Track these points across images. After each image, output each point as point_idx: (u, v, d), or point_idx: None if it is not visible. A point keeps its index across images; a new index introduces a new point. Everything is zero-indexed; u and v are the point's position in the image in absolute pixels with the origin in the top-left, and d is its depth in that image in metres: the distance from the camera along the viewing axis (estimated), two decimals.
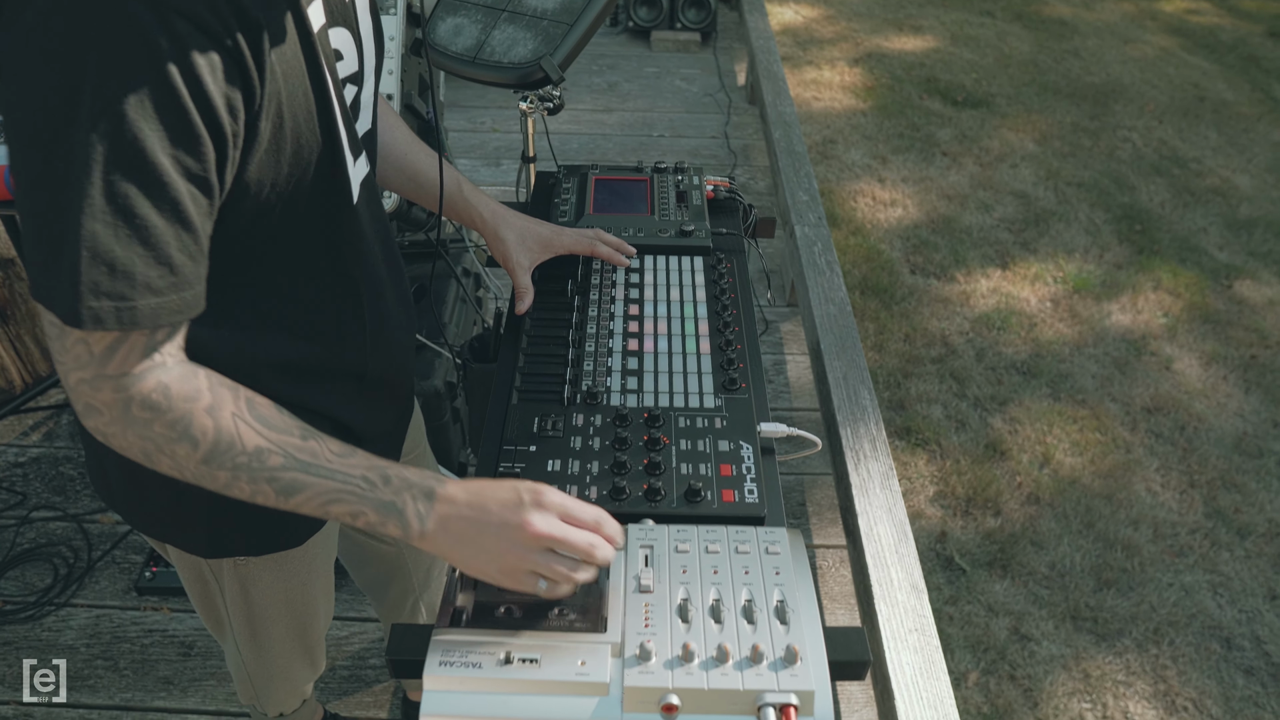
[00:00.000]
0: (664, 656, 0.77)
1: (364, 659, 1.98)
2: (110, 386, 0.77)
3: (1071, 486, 3.00)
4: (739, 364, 1.10)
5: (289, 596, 1.21)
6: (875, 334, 3.51)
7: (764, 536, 0.88)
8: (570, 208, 1.37)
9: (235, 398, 0.83)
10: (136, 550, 2.17)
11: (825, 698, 0.76)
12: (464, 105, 4.34)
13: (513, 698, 0.76)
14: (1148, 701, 2.46)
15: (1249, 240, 4.20)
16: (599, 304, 1.20)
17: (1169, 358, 3.53)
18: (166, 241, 0.73)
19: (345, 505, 0.83)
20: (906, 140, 4.73)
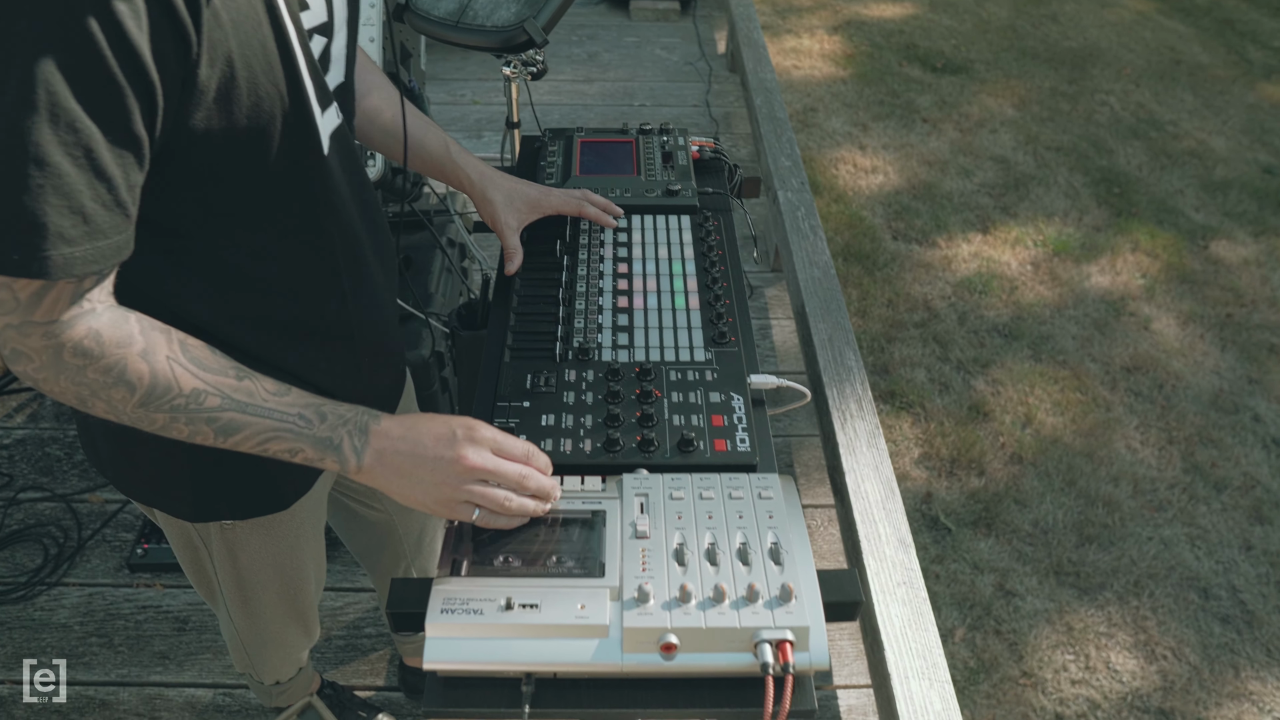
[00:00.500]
0: (662, 598, 0.79)
1: (359, 628, 1.99)
2: (39, 333, 0.76)
3: (1053, 445, 3.04)
4: (728, 318, 1.11)
5: (278, 561, 1.21)
6: (859, 299, 3.53)
7: (756, 482, 0.90)
8: (557, 170, 1.37)
9: (169, 341, 0.83)
10: (127, 528, 2.17)
11: (820, 633, 0.78)
12: (444, 78, 4.31)
13: (515, 642, 0.77)
14: (1128, 652, 2.51)
15: (1224, 201, 4.25)
16: (588, 263, 1.21)
17: (1147, 318, 3.57)
18: (79, 190, 0.72)
19: (283, 443, 0.85)
20: (887, 107, 4.74)
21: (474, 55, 4.52)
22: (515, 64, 1.69)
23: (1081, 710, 2.38)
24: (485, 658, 0.77)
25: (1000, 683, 2.44)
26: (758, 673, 0.77)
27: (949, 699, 1.57)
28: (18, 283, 0.73)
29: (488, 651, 0.77)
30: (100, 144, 0.72)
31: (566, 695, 0.80)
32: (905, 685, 1.58)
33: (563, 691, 0.80)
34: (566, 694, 0.80)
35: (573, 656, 0.77)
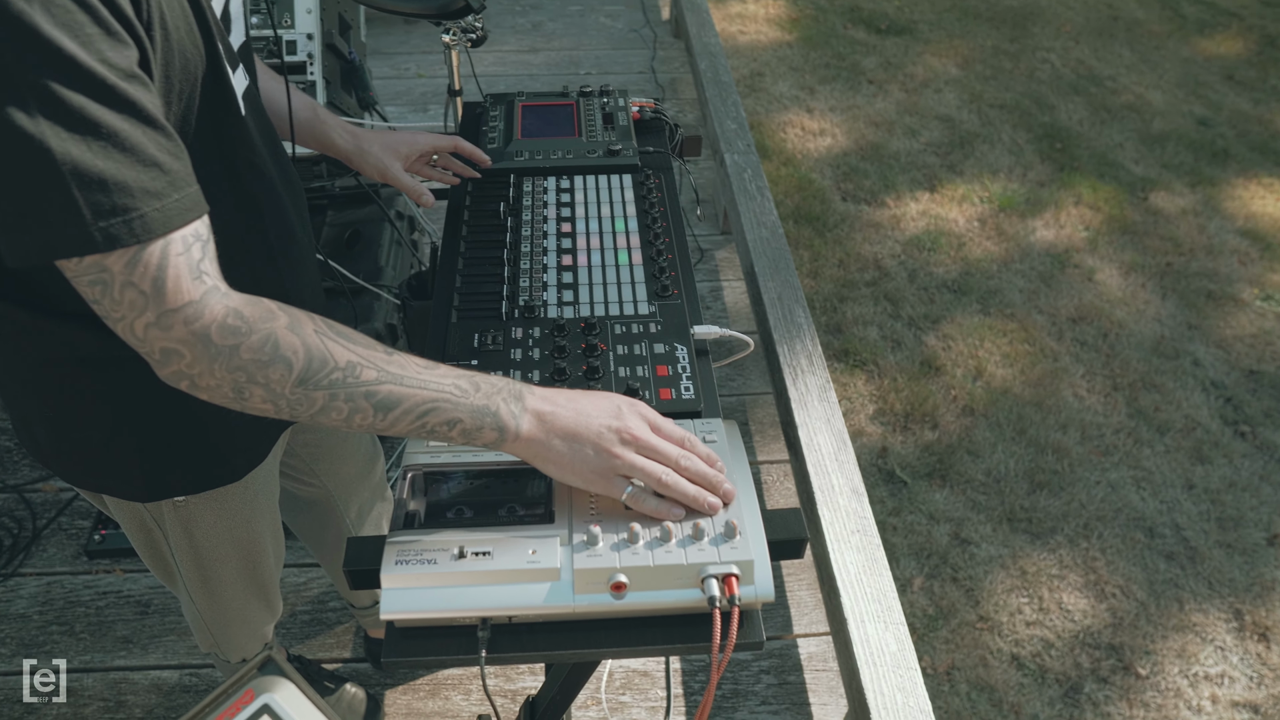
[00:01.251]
0: (610, 540, 0.81)
1: (324, 602, 2.00)
2: (180, 320, 0.74)
3: (1003, 396, 3.12)
4: (670, 272, 1.13)
5: (234, 535, 1.21)
6: (810, 261, 3.57)
7: (701, 427, 0.93)
8: (499, 134, 1.38)
9: (309, 315, 0.81)
10: (83, 515, 2.15)
11: (764, 566, 0.81)
12: (387, 52, 4.26)
13: (468, 589, 0.79)
14: (1080, 592, 2.60)
15: (1162, 153, 4.34)
16: (532, 224, 1.22)
17: (1091, 269, 3.65)
18: (140, 143, 0.71)
19: (440, 415, 0.81)
20: (833, 70, 4.76)
21: (416, 28, 4.46)
22: (454, 31, 1.69)
23: (1036, 650, 2.47)
24: (441, 606, 0.79)
25: (958, 628, 2.51)
26: (706, 608, 0.80)
27: (904, 641, 1.63)
28: (135, 272, 0.71)
29: (443, 600, 0.79)
30: (132, 94, 0.71)
31: (523, 639, 0.82)
32: (861, 629, 1.63)
33: (518, 636, 0.82)
34: (523, 638, 0.82)
35: (526, 600, 0.79)
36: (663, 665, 1.85)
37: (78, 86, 0.67)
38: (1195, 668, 2.45)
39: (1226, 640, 2.52)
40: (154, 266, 0.72)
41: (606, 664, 1.86)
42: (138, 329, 0.74)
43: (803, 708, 1.84)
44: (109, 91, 0.69)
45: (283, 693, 0.67)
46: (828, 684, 1.89)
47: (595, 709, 1.80)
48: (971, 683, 2.40)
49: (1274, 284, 3.66)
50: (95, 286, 0.72)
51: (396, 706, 1.81)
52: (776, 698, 1.85)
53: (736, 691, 1.86)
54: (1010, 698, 2.37)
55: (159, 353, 0.76)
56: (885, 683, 1.56)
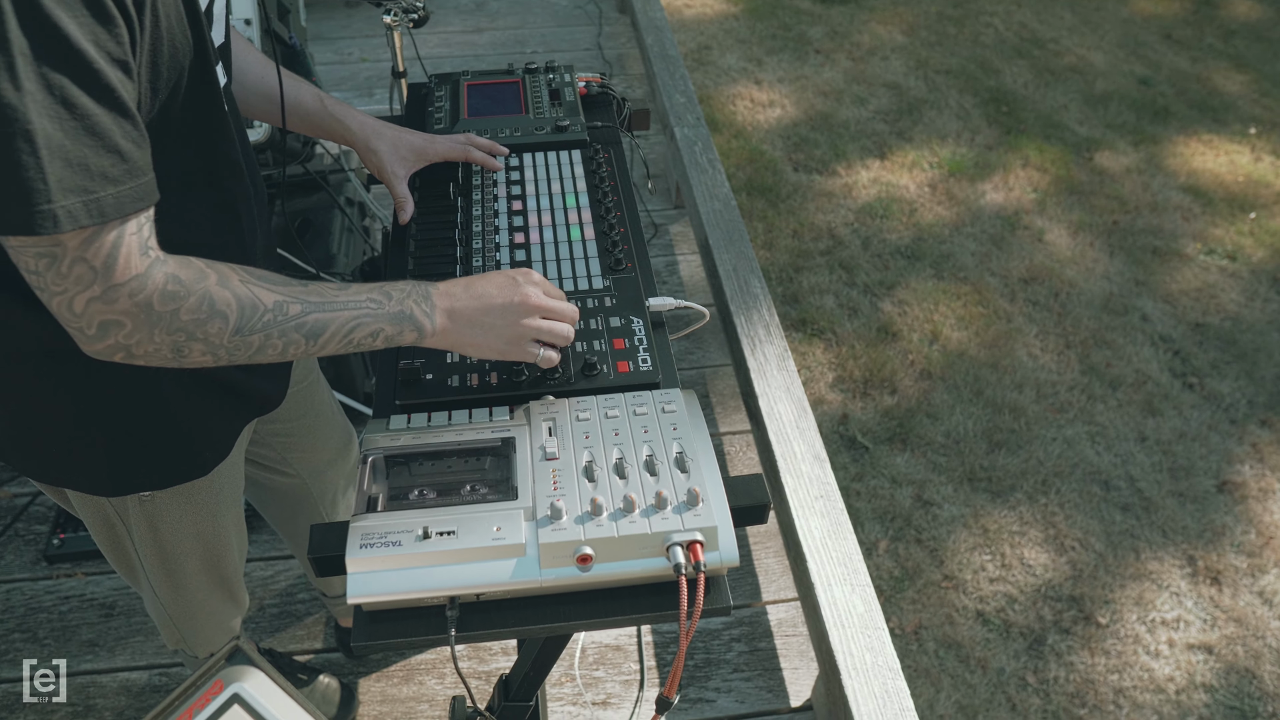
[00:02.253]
0: (574, 513, 0.82)
1: (292, 594, 1.99)
2: (125, 293, 0.76)
3: (960, 359, 3.16)
4: (623, 246, 1.13)
5: (199, 529, 1.20)
6: (764, 232, 3.58)
7: (659, 398, 0.93)
8: (445, 115, 1.36)
9: (231, 266, 0.84)
10: (40, 520, 2.10)
11: (728, 533, 0.82)
12: (329, 37, 4.18)
13: (435, 569, 0.79)
14: (1040, 547, 2.66)
15: (1105, 113, 4.41)
16: (482, 203, 1.21)
17: (1040, 230, 3.71)
18: (110, 130, 0.72)
19: (364, 329, 0.88)
20: (779, 41, 4.77)
21: (357, 10, 4.39)
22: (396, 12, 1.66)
23: (1000, 605, 2.52)
24: (407, 587, 0.79)
25: (924, 588, 2.56)
26: (672, 576, 0.81)
27: (871, 602, 1.66)
28: (90, 249, 0.73)
29: (409, 581, 0.79)
30: (114, 80, 0.72)
31: (492, 617, 0.82)
32: (829, 592, 1.65)
33: (488, 614, 0.82)
34: (492, 615, 0.82)
35: (493, 577, 0.79)
36: (634, 639, 1.87)
37: (65, 66, 0.69)
38: (1152, 614, 2.52)
39: (1181, 586, 2.59)
40: (109, 244, 0.74)
41: (579, 640, 1.87)
42: (77, 304, 0.75)
43: (774, 673, 1.86)
44: (93, 75, 0.71)
45: (253, 681, 0.66)
46: (798, 648, 1.91)
47: (569, 685, 1.82)
48: (939, 641, 2.45)
49: (1216, 238, 3.75)
50: (42, 259, 0.73)
51: (371, 694, 1.81)
52: (748, 665, 1.87)
53: (709, 660, 1.88)
54: (977, 653, 2.42)
55: (97, 326, 0.77)
56: (854, 644, 1.59)
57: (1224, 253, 3.69)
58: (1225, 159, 4.18)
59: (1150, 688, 2.38)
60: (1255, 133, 4.37)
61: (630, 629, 1.89)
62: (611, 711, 1.77)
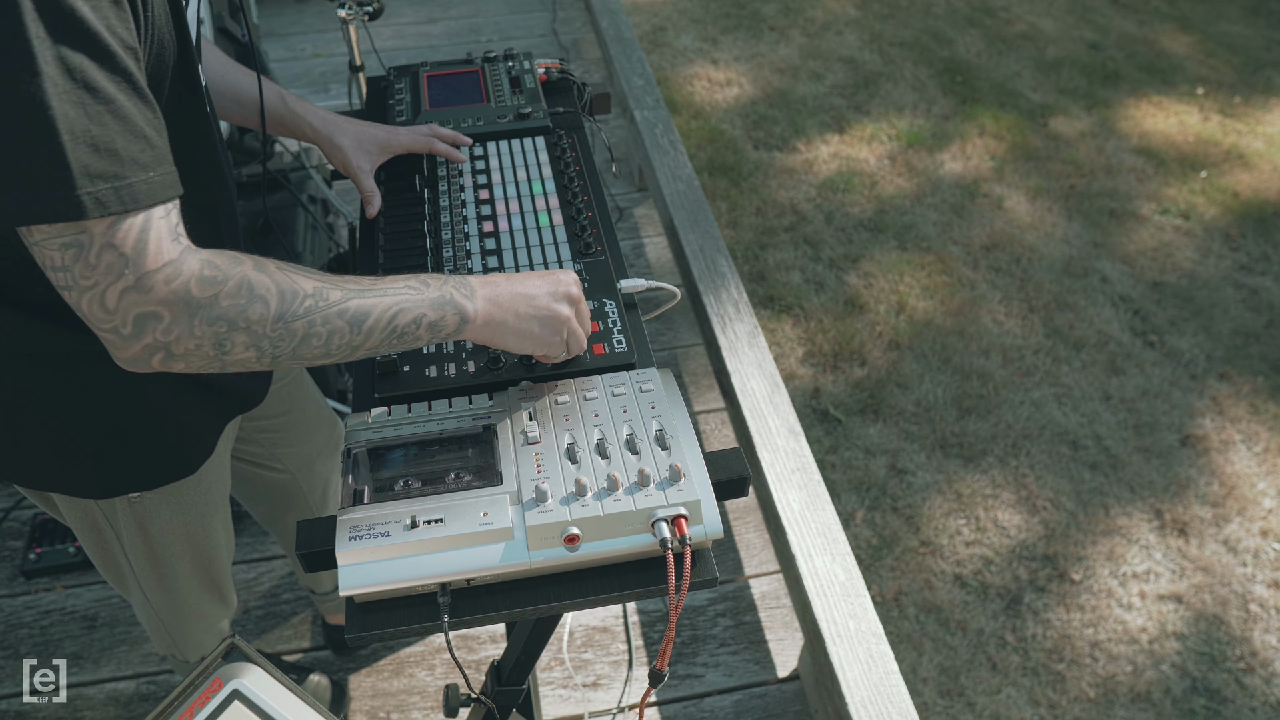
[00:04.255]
0: (559, 495, 0.83)
1: (277, 595, 1.98)
2: (160, 280, 0.72)
3: (926, 328, 3.21)
4: (592, 230, 1.14)
5: (189, 530, 1.20)
6: (728, 211, 3.60)
7: (636, 378, 0.94)
8: (406, 107, 1.36)
9: (261, 257, 0.81)
10: (14, 536, 2.08)
11: (711, 506, 0.84)
12: (282, 34, 4.13)
13: (424, 557, 0.80)
14: (1013, 509, 2.71)
15: (1058, 79, 4.47)
16: (449, 194, 1.21)
17: (999, 197, 3.76)
18: (132, 114, 0.70)
19: (407, 314, 0.84)
20: (733, 20, 4.77)
21: (308, 6, 4.33)
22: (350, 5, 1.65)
23: (977, 568, 2.57)
24: (398, 577, 0.80)
25: (902, 555, 2.60)
26: (658, 551, 0.82)
27: (851, 570, 1.69)
28: (117, 233, 0.69)
29: (400, 570, 0.80)
30: (130, 65, 0.70)
31: (483, 601, 0.83)
32: (810, 563, 1.68)
33: (479, 599, 0.84)
34: (483, 600, 0.84)
35: (482, 562, 0.80)
36: (621, 620, 1.89)
37: (84, 49, 0.66)
38: (1124, 568, 2.59)
39: (1150, 539, 2.66)
40: (137, 229, 0.71)
41: (566, 624, 1.89)
42: (110, 297, 0.71)
43: (760, 645, 1.89)
44: (111, 59, 0.68)
45: (251, 677, 0.67)
46: (782, 620, 1.94)
47: (559, 669, 1.83)
48: (919, 605, 2.50)
49: (1170, 198, 3.82)
50: (68, 250, 0.70)
51: (362, 689, 1.82)
52: (734, 638, 1.90)
53: (695, 637, 1.91)
54: (956, 615, 2.47)
55: (133, 322, 0.73)
56: (837, 611, 1.62)
57: (1178, 212, 3.77)
58: (1175, 120, 4.25)
59: (1124, 639, 2.44)
60: (1203, 93, 4.45)
61: (616, 610, 1.91)
62: (602, 692, 1.79)
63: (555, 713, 1.77)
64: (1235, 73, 4.64)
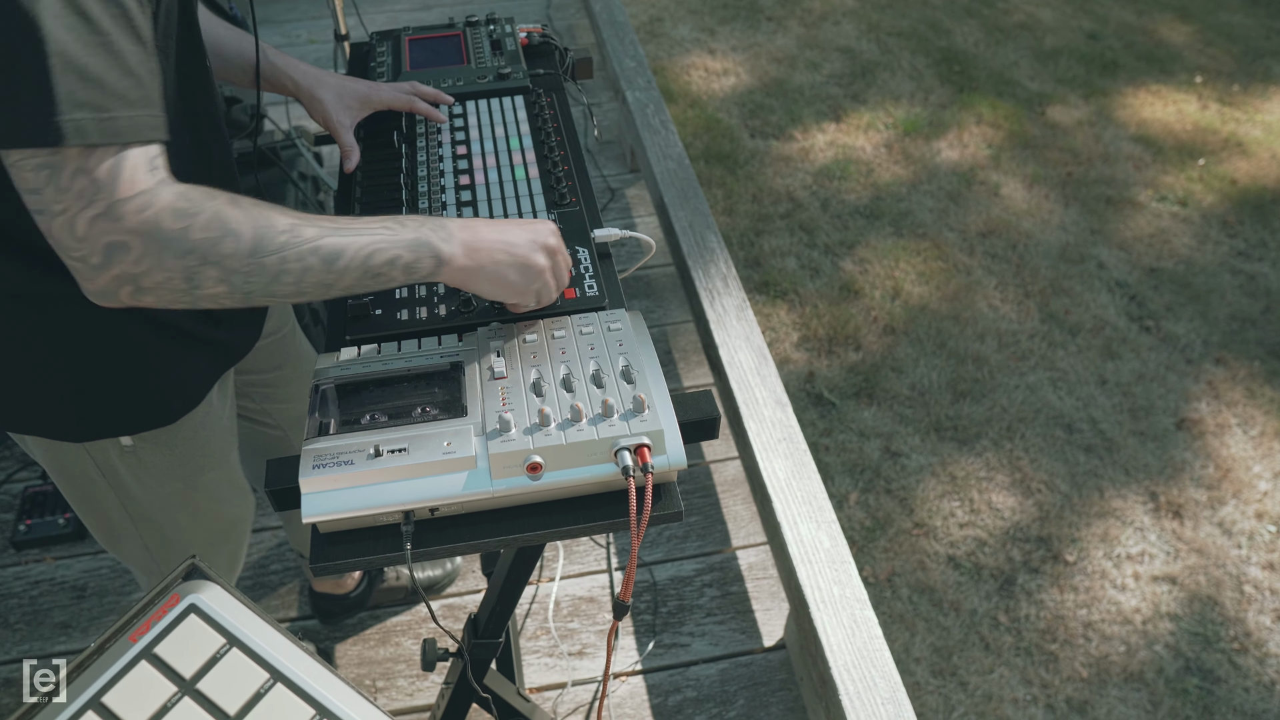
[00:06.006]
0: (523, 425, 0.83)
1: (265, 566, 1.99)
2: (131, 209, 0.72)
3: (922, 313, 3.21)
4: (567, 182, 1.15)
5: (186, 482, 1.18)
6: (724, 199, 3.60)
7: (605, 318, 0.95)
8: (387, 69, 1.37)
9: (238, 195, 0.80)
10: (4, 509, 2.09)
11: (674, 436, 0.84)
12: (275, 20, 4.15)
13: (387, 485, 0.80)
14: (1007, 491, 2.71)
15: (1055, 69, 4.47)
16: (427, 149, 1.22)
17: (996, 184, 3.76)
18: (126, 52, 0.70)
19: (383, 254, 0.83)
20: (731, 10, 4.78)
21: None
22: None
23: (970, 550, 2.57)
24: (361, 504, 0.80)
25: (895, 536, 2.60)
26: (622, 482, 0.82)
27: (837, 538, 1.69)
28: (90, 159, 0.69)
29: (363, 498, 0.80)
30: (132, 8, 0.71)
31: (447, 533, 0.84)
32: (795, 530, 1.68)
33: (443, 530, 0.84)
34: (447, 531, 0.84)
35: (445, 490, 0.81)
36: (608, 591, 1.89)
37: None
38: (1118, 549, 2.58)
39: (1144, 521, 2.65)
40: (112, 157, 0.71)
41: (553, 594, 1.89)
42: (80, 224, 0.71)
43: (746, 615, 1.89)
44: None
45: (209, 593, 0.67)
46: (769, 590, 1.95)
47: (545, 638, 1.84)
48: (912, 586, 2.50)
49: (1167, 185, 3.82)
50: (42, 172, 0.70)
51: (348, 658, 1.82)
52: (721, 609, 1.90)
53: (682, 607, 1.91)
54: (950, 596, 2.47)
55: (102, 251, 0.72)
56: (821, 578, 1.62)
57: (1175, 199, 3.76)
58: (1173, 108, 4.24)
59: (1118, 620, 2.44)
60: (1201, 81, 4.44)
61: (603, 580, 1.91)
62: (588, 660, 1.80)
63: (540, 680, 1.77)
64: (1234, 61, 4.63)
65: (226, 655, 0.64)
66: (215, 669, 0.63)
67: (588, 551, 1.97)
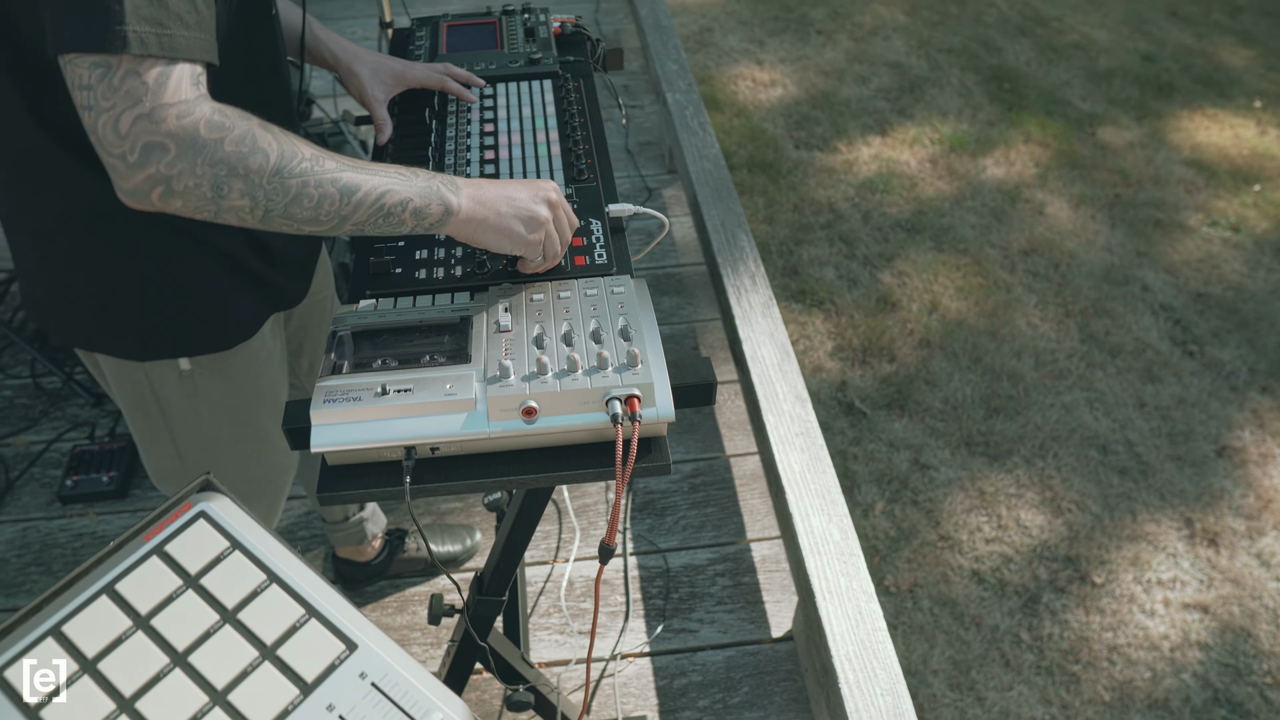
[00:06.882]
0: (521, 373, 0.88)
1: (291, 534, 2.06)
2: (174, 114, 0.78)
3: (959, 328, 3.20)
4: (587, 160, 1.19)
5: (237, 414, 1.23)
6: (765, 207, 3.63)
7: (610, 282, 0.99)
8: (424, 52, 1.43)
9: (266, 121, 0.87)
10: (54, 465, 2.19)
11: (664, 389, 0.88)
12: (332, 19, 4.29)
13: (391, 421, 0.85)
14: (1036, 509, 2.69)
15: (1109, 89, 4.42)
16: (456, 126, 1.27)
17: (1041, 203, 3.74)
18: None
19: (395, 195, 0.90)
20: (781, 23, 4.82)
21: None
22: None
23: (995, 565, 2.55)
24: (366, 438, 0.85)
25: (920, 547, 2.59)
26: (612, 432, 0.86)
27: (847, 530, 1.70)
28: (143, 65, 0.77)
29: (368, 432, 0.85)
30: None
31: (446, 472, 0.88)
32: (806, 522, 1.70)
33: (442, 469, 0.89)
34: (446, 470, 0.89)
35: (444, 429, 0.85)
36: (622, 574, 1.92)
37: None
38: (1148, 574, 2.54)
39: (1178, 547, 2.61)
40: (162, 64, 0.78)
41: (565, 574, 1.93)
42: (124, 122, 0.78)
43: (756, 605, 1.91)
44: None
45: (220, 504, 0.73)
46: (780, 583, 1.96)
47: (556, 616, 1.88)
48: (934, 598, 2.49)
49: (1219, 210, 3.76)
50: (96, 70, 0.77)
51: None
52: (731, 597, 1.92)
53: (693, 594, 1.94)
54: (971, 610, 2.45)
55: (141, 150, 0.79)
56: (829, 569, 1.64)
57: (1227, 224, 3.70)
58: (1230, 133, 4.18)
59: (1144, 645, 2.40)
60: (1261, 106, 4.36)
61: (618, 564, 1.94)
62: (597, 639, 1.83)
63: (547, 655, 1.81)
64: None
65: (229, 556, 0.69)
66: (218, 568, 0.68)
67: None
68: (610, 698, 1.74)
